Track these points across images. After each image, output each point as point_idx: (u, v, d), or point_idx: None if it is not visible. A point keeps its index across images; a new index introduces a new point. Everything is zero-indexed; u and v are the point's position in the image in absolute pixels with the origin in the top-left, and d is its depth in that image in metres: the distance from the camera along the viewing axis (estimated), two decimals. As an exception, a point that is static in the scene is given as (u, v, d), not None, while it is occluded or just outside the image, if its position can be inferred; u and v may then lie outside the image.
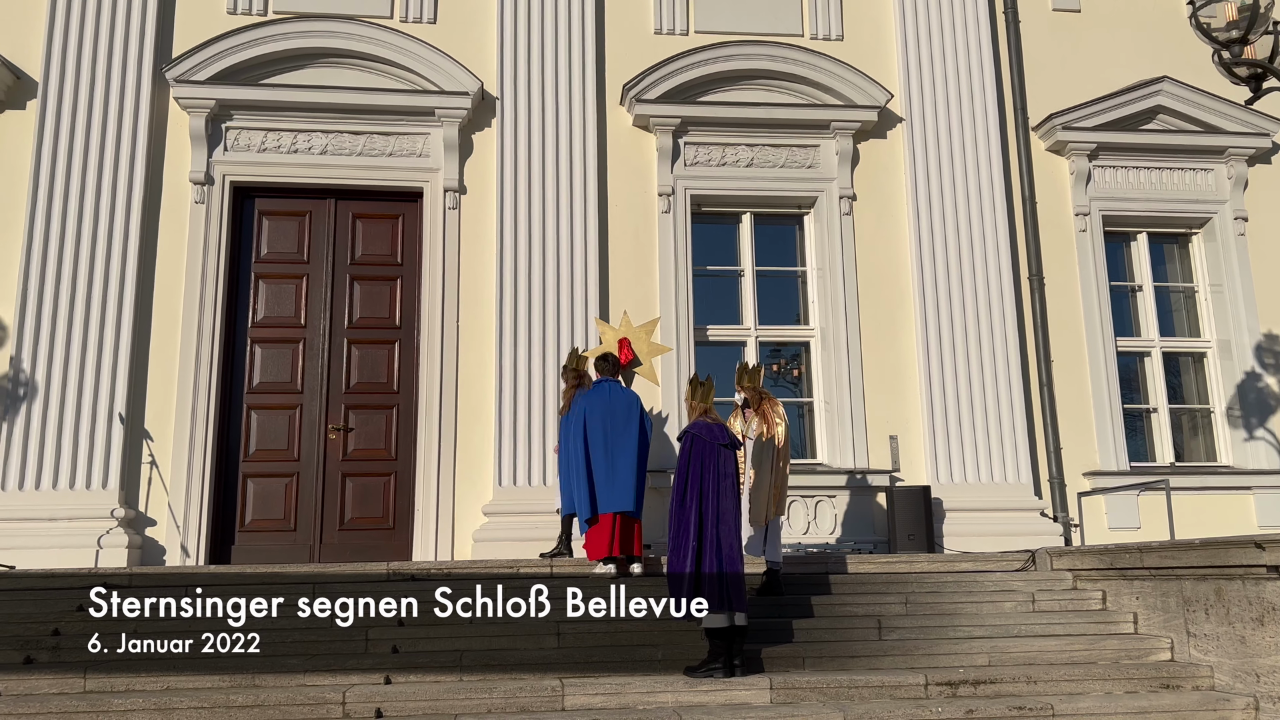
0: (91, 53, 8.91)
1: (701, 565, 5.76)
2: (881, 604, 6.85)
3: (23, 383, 8.33)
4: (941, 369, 9.31)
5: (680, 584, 5.75)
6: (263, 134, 9.13)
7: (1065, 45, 10.25)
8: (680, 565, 5.79)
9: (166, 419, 8.55)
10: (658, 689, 5.59)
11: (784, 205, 9.83)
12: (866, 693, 5.68)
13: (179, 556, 8.32)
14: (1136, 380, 10.09)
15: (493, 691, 5.49)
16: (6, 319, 8.54)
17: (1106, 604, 6.93)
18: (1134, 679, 5.95)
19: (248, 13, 9.28)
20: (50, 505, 8.14)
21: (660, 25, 9.76)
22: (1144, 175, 10.16)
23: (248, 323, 9.03)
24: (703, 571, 5.75)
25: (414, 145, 9.29)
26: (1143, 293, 10.20)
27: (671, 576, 5.82)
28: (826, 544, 8.88)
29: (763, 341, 9.64)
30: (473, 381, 8.91)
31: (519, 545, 8.14)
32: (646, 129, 9.55)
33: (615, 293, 9.18)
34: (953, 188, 9.68)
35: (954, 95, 9.87)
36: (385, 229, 9.37)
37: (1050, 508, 9.26)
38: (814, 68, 9.68)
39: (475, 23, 9.54)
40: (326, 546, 8.70)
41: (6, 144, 8.83)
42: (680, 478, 6.03)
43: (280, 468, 8.81)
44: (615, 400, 7.38)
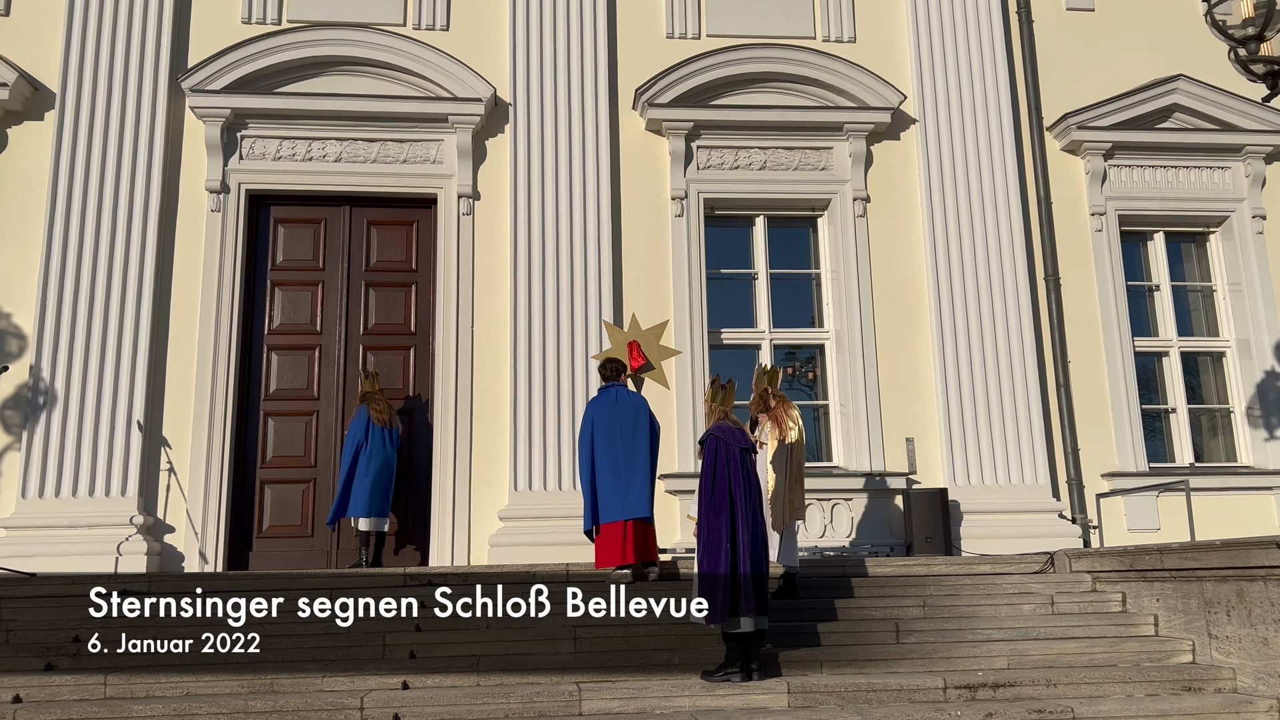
0: (108, 64, 8.99)
1: (737, 568, 5.73)
2: (899, 607, 6.82)
3: (43, 391, 8.41)
4: (958, 370, 9.27)
5: (715, 586, 5.71)
6: (278, 142, 9.19)
7: (1079, 44, 10.20)
8: (715, 568, 5.74)
9: (184, 426, 8.61)
10: (675, 693, 5.58)
11: (797, 208, 9.82)
12: (884, 696, 5.66)
13: (197, 563, 8.37)
14: (1155, 380, 10.01)
15: (510, 696, 5.49)
16: (26, 328, 8.62)
17: (1126, 606, 6.88)
18: (1155, 681, 5.90)
19: (262, 22, 9.34)
20: (70, 513, 8.21)
21: (672, 29, 9.77)
22: (1160, 174, 10.10)
23: (264, 330, 9.09)
24: (739, 573, 5.71)
25: (428, 152, 9.33)
26: (1160, 292, 10.13)
27: (704, 579, 5.76)
28: (843, 547, 8.85)
29: (777, 344, 9.63)
30: (488, 386, 8.93)
31: (535, 550, 8.14)
32: (659, 133, 9.56)
33: (629, 297, 9.19)
34: (967, 188, 9.64)
35: (967, 95, 9.84)
36: (400, 235, 9.41)
37: (1068, 509, 9.20)
38: (826, 70, 9.67)
39: (488, 29, 9.58)
40: (343, 551, 8.72)
41: (26, 155, 8.92)
42: (707, 481, 5.99)
43: (297, 474, 8.86)
44: (623, 405, 7.34)
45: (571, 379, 8.86)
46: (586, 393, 8.78)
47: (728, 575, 5.73)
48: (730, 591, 5.71)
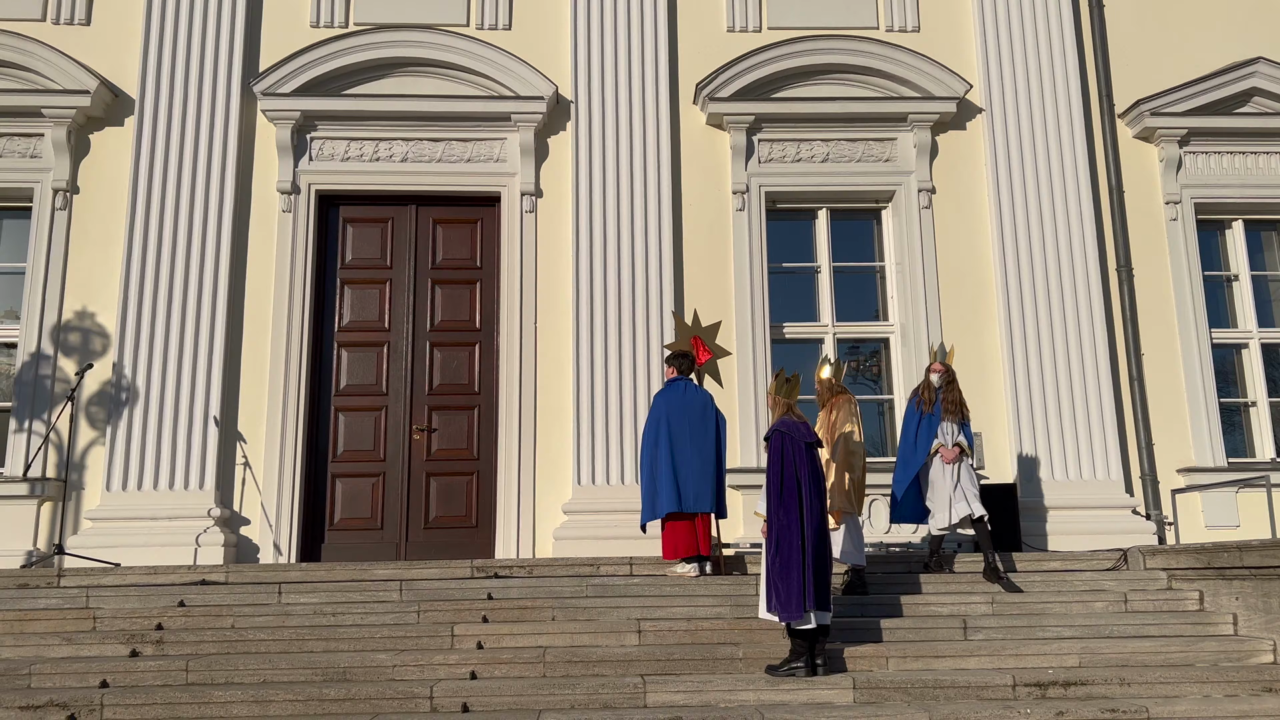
0: (184, 70, 9.27)
1: (805, 565, 5.71)
2: (967, 603, 6.74)
3: (125, 388, 8.71)
4: (1026, 364, 9.11)
5: (784, 582, 5.70)
6: (346, 143, 9.38)
7: (1152, 28, 9.93)
8: (786, 564, 5.73)
9: (258, 421, 8.85)
10: (739, 687, 5.59)
11: (861, 200, 9.73)
12: (951, 693, 5.60)
13: (271, 554, 8.60)
14: (1233, 373, 9.73)
15: (575, 688, 5.55)
16: (110, 327, 8.94)
17: (1204, 604, 6.70)
18: (1234, 682, 5.75)
19: (330, 25, 9.54)
20: (151, 505, 8.49)
21: (733, 23, 9.75)
22: (1239, 160, 9.78)
23: (334, 327, 9.29)
24: (805, 569, 5.70)
25: (491, 150, 9.45)
26: (1239, 282, 9.83)
27: (774, 574, 5.74)
28: (909, 543, 8.76)
29: (840, 338, 9.55)
30: (551, 382, 9.02)
31: (598, 543, 8.23)
32: (720, 127, 9.55)
33: (690, 292, 9.20)
34: (1035, 178, 9.46)
35: (1035, 83, 9.65)
36: (465, 233, 9.55)
37: (1142, 505, 8.99)
38: (890, 60, 9.56)
39: (549, 27, 9.66)
40: (412, 544, 8.90)
41: (108, 160, 9.24)
42: (774, 477, 5.97)
43: (367, 468, 9.05)
44: (691, 399, 7.39)
45: (634, 374, 8.91)
46: (649, 388, 8.83)
47: (800, 571, 5.71)
48: (801, 587, 5.69)
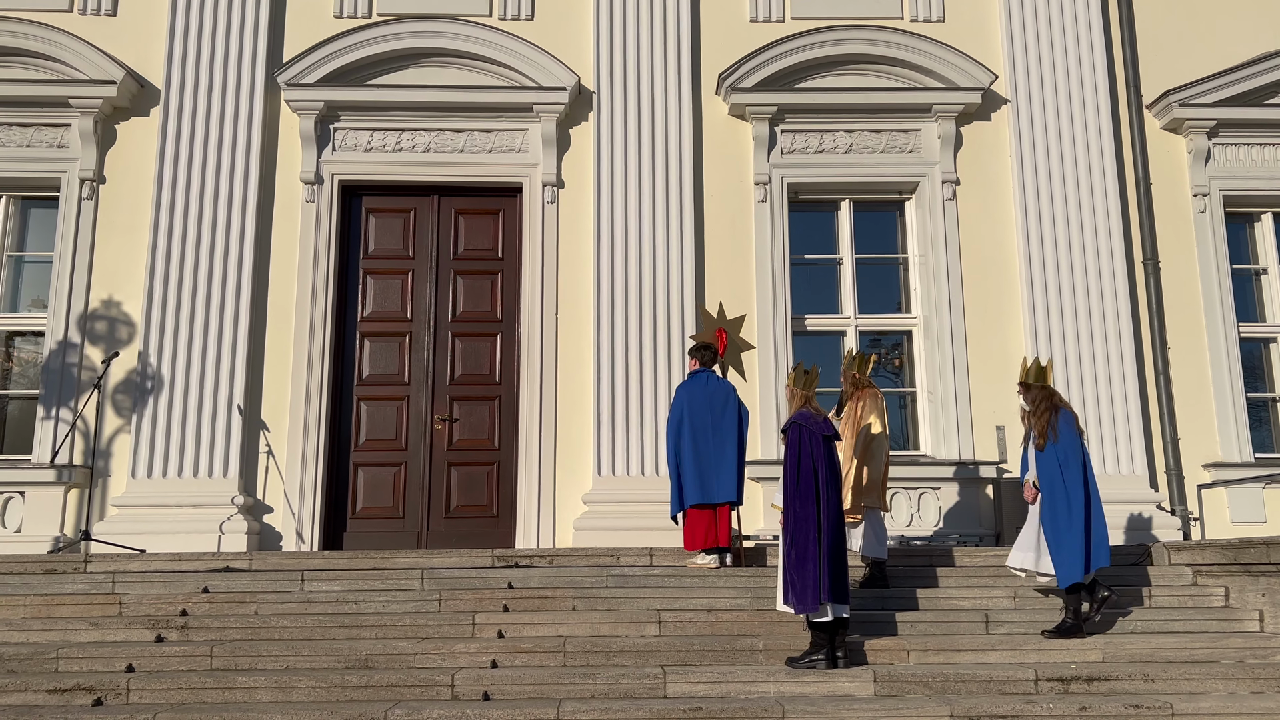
0: (209, 60, 9.31)
1: (821, 558, 5.70)
2: (989, 597, 6.71)
3: (150, 376, 8.79)
4: (1050, 357, 9.02)
5: (802, 575, 5.69)
6: (369, 133, 9.41)
7: (1180, 18, 9.80)
8: (803, 556, 5.73)
9: (281, 410, 8.91)
10: (759, 679, 5.59)
11: (884, 191, 9.67)
12: (973, 686, 5.58)
13: (294, 542, 8.67)
14: (1261, 368, 9.61)
15: (595, 677, 5.57)
16: (135, 316, 9.01)
17: (1230, 601, 6.64)
18: (1260, 679, 5.69)
19: (353, 15, 9.56)
20: (176, 493, 8.57)
21: (756, 13, 9.70)
22: (1269, 152, 9.65)
23: (357, 317, 9.33)
24: (823, 564, 5.69)
25: (513, 141, 9.45)
26: (1268, 275, 9.70)
27: (791, 566, 5.74)
28: (930, 536, 8.72)
29: (863, 330, 9.51)
30: (572, 372, 9.03)
31: (618, 533, 8.24)
32: (742, 118, 9.51)
33: (711, 283, 9.18)
34: (1061, 169, 9.37)
35: (1061, 73, 9.54)
36: (486, 224, 9.56)
37: (1167, 501, 8.91)
38: (914, 50, 9.49)
39: (571, 18, 9.64)
40: (433, 533, 8.94)
41: (134, 150, 9.31)
42: (792, 470, 5.96)
43: (389, 457, 9.09)
44: (714, 390, 7.38)
45: (654, 365, 8.90)
46: (669, 379, 8.83)
47: (816, 564, 5.70)
48: (816, 580, 5.68)
